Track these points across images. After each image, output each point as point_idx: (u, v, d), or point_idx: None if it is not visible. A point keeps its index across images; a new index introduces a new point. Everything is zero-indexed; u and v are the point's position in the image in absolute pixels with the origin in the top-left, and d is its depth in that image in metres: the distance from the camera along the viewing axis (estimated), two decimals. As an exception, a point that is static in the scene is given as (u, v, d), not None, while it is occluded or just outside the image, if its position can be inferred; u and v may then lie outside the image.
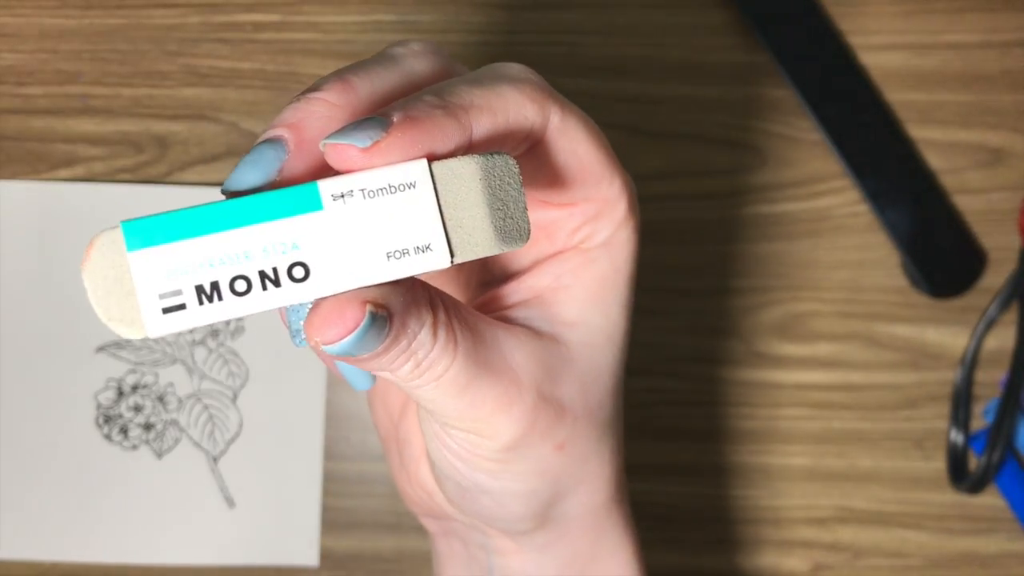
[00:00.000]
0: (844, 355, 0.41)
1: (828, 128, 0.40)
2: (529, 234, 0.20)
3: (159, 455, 0.40)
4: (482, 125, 0.21)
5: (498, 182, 0.19)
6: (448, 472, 0.25)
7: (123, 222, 0.18)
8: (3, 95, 0.41)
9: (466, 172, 0.19)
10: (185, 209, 0.18)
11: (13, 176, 0.41)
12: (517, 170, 0.20)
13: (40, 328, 0.40)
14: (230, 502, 0.40)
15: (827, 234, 0.41)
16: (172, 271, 0.17)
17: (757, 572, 0.40)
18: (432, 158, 0.19)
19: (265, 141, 0.20)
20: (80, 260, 0.17)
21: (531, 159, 0.23)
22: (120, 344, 0.40)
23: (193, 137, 0.41)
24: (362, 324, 0.19)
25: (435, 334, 0.21)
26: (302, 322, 0.21)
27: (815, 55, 0.41)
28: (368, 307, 0.19)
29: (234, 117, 0.41)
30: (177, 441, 0.40)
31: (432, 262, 0.19)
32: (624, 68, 0.41)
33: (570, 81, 0.41)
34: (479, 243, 0.19)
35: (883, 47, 0.41)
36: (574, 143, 0.23)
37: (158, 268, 0.17)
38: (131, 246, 0.18)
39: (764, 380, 0.40)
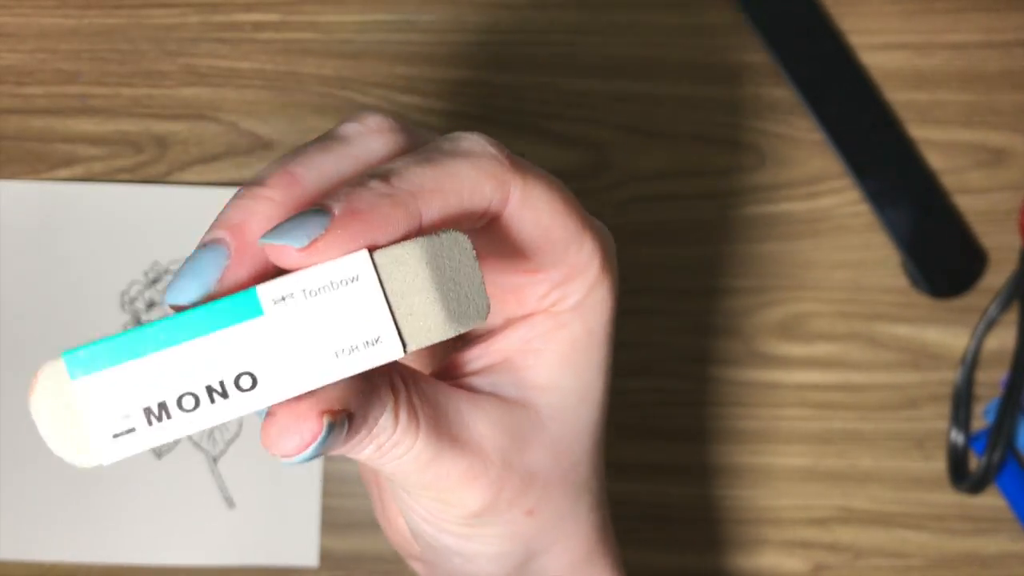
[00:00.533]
0: (844, 355, 0.40)
1: (828, 128, 0.40)
2: (487, 310, 0.19)
3: (158, 455, 0.40)
4: (432, 210, 0.20)
5: (449, 262, 0.18)
6: (418, 532, 0.25)
7: (64, 352, 0.17)
8: (2, 95, 0.41)
9: (411, 258, 0.18)
10: (125, 332, 0.17)
11: (12, 176, 0.41)
12: (470, 246, 0.19)
13: (39, 328, 0.40)
14: (229, 502, 0.40)
15: (827, 234, 0.41)
16: (118, 396, 0.17)
17: (757, 572, 0.40)
18: (375, 247, 0.18)
19: (206, 245, 0.19)
20: (28, 388, 0.17)
21: (492, 232, 0.22)
22: (119, 344, 0.40)
23: (193, 137, 0.41)
24: (320, 436, 0.18)
25: (396, 416, 0.21)
26: None
27: (815, 55, 0.41)
28: (325, 418, 0.18)
29: (234, 117, 0.41)
30: (176, 441, 0.40)
31: (384, 355, 0.18)
32: (624, 68, 0.41)
33: (570, 81, 0.41)
34: (432, 328, 0.18)
35: (883, 47, 0.41)
36: (538, 213, 0.22)
37: (104, 394, 0.17)
38: (74, 375, 0.17)
39: (764, 380, 0.40)
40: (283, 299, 0.18)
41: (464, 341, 0.26)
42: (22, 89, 0.41)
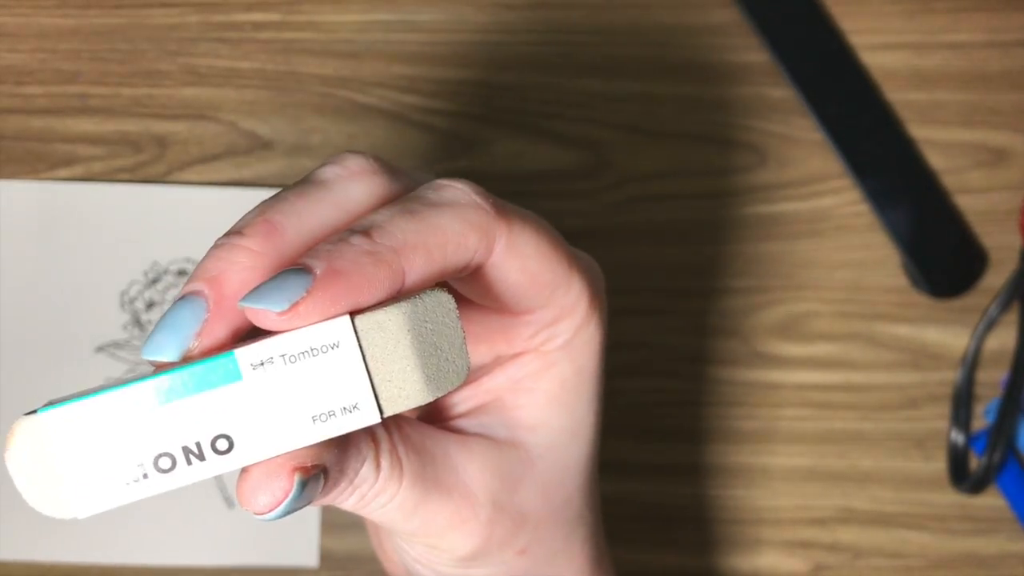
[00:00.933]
0: (845, 355, 0.40)
1: (828, 128, 0.40)
2: (467, 372, 0.19)
3: (158, 455, 0.40)
4: (416, 268, 0.19)
5: (430, 325, 0.18)
6: (413, 572, 0.25)
7: (43, 408, 0.17)
8: (2, 95, 0.41)
9: (393, 325, 0.18)
10: (105, 390, 0.17)
11: (12, 176, 0.41)
12: (453, 307, 0.19)
13: (39, 328, 0.40)
14: (229, 502, 0.40)
15: (827, 234, 0.41)
16: (95, 454, 0.17)
17: (757, 572, 0.40)
18: (356, 311, 0.18)
19: (184, 298, 0.19)
20: (5, 440, 0.17)
21: (477, 280, 0.22)
22: (119, 344, 0.40)
23: (192, 137, 0.41)
24: (292, 493, 0.18)
25: (378, 465, 0.21)
26: None
27: (815, 55, 0.41)
28: (296, 476, 0.18)
29: (233, 117, 0.41)
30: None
31: (360, 420, 0.18)
32: (624, 68, 0.41)
33: (571, 81, 0.41)
34: (410, 395, 0.18)
35: (884, 47, 0.41)
36: (524, 260, 0.22)
37: (81, 452, 0.17)
38: (52, 430, 0.17)
39: (764, 380, 0.40)
40: (262, 364, 0.17)
41: None
42: (22, 89, 0.41)
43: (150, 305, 0.40)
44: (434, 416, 0.25)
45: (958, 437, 0.40)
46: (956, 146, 0.41)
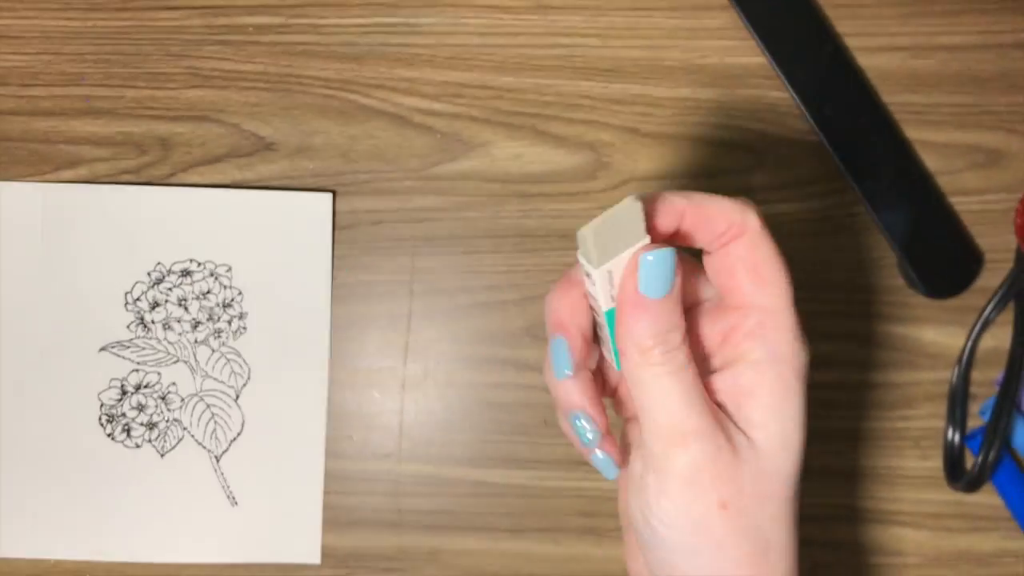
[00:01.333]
0: (842, 355, 0.41)
1: (826, 129, 0.41)
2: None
3: (162, 454, 0.41)
4: (688, 221, 0.29)
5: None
6: (635, 520, 0.29)
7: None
8: (7, 97, 0.42)
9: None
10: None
11: (17, 177, 0.41)
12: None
13: (44, 328, 0.41)
14: (232, 500, 0.40)
15: (825, 234, 0.41)
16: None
17: (755, 570, 0.40)
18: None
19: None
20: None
21: (721, 256, 0.29)
22: (123, 344, 0.41)
23: (196, 138, 0.41)
24: (666, 249, 0.27)
25: (682, 343, 0.28)
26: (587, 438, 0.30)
27: (813, 57, 0.41)
28: (665, 246, 0.27)
29: (236, 118, 0.41)
30: (180, 440, 0.41)
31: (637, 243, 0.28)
32: (624, 70, 0.42)
33: (570, 83, 0.41)
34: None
35: (881, 49, 0.42)
36: (755, 251, 0.28)
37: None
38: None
39: (762, 379, 0.41)
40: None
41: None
42: (26, 91, 0.41)
43: (154, 305, 0.41)
44: None
45: (954, 436, 0.40)
46: (952, 148, 0.41)
